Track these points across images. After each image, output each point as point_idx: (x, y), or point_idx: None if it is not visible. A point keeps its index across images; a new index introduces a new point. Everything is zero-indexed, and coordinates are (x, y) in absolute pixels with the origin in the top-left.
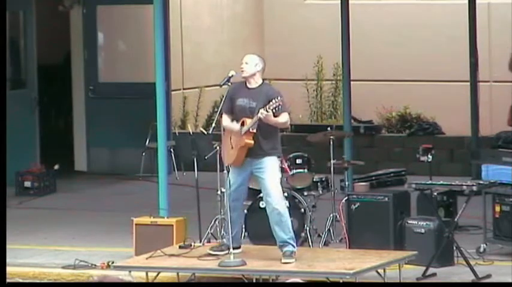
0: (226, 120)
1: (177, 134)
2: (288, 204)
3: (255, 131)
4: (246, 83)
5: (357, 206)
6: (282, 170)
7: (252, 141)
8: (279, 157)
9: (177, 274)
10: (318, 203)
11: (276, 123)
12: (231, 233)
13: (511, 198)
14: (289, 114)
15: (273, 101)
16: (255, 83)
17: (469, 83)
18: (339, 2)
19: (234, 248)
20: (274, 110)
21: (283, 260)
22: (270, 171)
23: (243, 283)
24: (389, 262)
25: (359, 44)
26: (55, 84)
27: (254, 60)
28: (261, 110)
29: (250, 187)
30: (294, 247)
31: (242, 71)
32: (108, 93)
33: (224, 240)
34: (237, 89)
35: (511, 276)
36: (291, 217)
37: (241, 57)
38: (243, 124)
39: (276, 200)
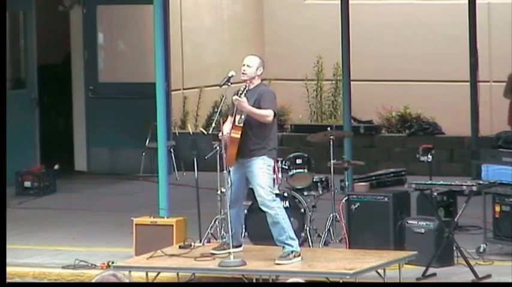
0: (226, 123)
1: (177, 134)
2: (287, 204)
3: (241, 124)
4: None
5: (357, 206)
6: (282, 170)
7: (238, 136)
8: (272, 158)
9: (177, 274)
10: (318, 203)
11: (251, 113)
12: (231, 231)
13: (511, 198)
14: (275, 114)
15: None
16: (252, 85)
17: (469, 83)
18: (339, 2)
19: (235, 247)
20: (243, 93)
21: (275, 261)
22: (256, 174)
23: (243, 283)
24: (389, 262)
25: (359, 44)
26: (55, 84)
27: (256, 64)
28: (235, 97)
29: (250, 187)
30: (292, 246)
31: (244, 73)
32: (108, 93)
33: (225, 239)
34: (238, 90)
35: (511, 276)
36: (291, 217)
37: (241, 57)
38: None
39: (264, 203)
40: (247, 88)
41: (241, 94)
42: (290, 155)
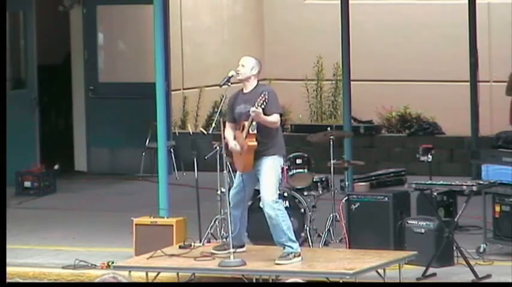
0: (227, 131)
1: (177, 134)
2: (287, 204)
3: (255, 132)
4: (242, 89)
5: (357, 206)
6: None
7: (255, 143)
8: (282, 155)
9: (177, 274)
10: (318, 203)
11: (265, 122)
12: (232, 232)
13: (511, 198)
14: (281, 115)
15: (260, 96)
16: (250, 85)
17: (469, 83)
18: (339, 2)
19: (238, 247)
20: (263, 105)
21: (275, 261)
22: (264, 173)
23: (243, 283)
24: (389, 262)
25: (359, 44)
26: (55, 84)
27: (250, 64)
28: (252, 108)
29: (256, 188)
30: (292, 247)
31: (238, 73)
32: (108, 93)
33: (227, 239)
34: (235, 97)
35: (511, 276)
36: (291, 217)
37: (241, 58)
38: (242, 128)
39: (266, 204)
40: (229, 76)
41: (259, 105)
42: (290, 155)
